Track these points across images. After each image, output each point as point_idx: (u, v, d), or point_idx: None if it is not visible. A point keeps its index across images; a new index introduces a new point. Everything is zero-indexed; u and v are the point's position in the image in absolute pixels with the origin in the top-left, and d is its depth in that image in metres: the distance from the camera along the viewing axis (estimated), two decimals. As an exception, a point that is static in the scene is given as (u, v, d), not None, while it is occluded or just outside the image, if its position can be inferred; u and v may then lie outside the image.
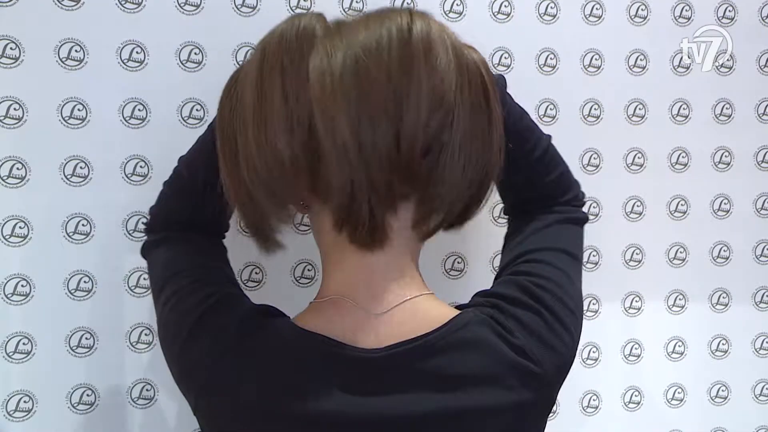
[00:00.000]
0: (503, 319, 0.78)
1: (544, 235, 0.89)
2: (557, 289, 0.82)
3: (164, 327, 0.86)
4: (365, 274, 0.78)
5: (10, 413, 1.07)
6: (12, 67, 1.04)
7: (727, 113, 1.30)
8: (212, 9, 1.10)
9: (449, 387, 0.74)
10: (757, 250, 1.33)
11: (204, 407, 0.79)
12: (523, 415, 0.77)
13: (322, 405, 0.73)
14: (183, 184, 0.95)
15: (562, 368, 0.80)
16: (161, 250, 0.93)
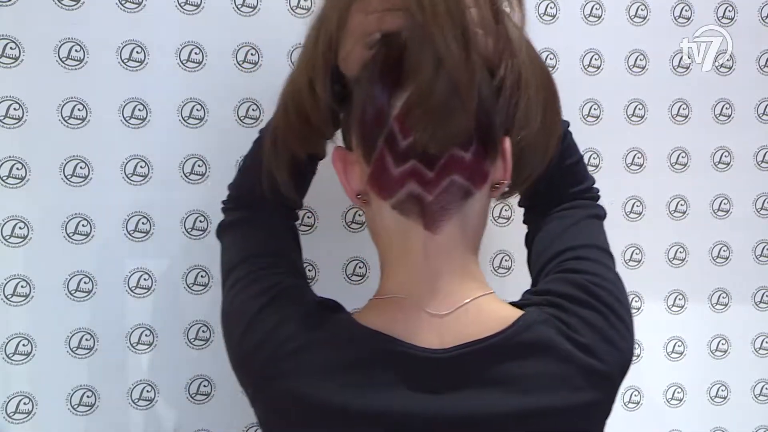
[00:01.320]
0: (566, 318, 0.77)
1: (579, 232, 0.89)
2: (612, 287, 0.82)
3: (226, 312, 0.86)
4: (427, 272, 0.77)
5: (9, 415, 1.07)
6: (12, 67, 1.03)
7: (727, 113, 1.30)
8: (212, 9, 1.10)
9: (516, 388, 0.74)
10: (756, 250, 1.33)
11: (262, 398, 0.79)
12: (590, 415, 0.77)
13: (385, 403, 0.73)
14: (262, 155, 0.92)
15: (625, 366, 0.79)
16: (234, 232, 0.93)
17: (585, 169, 0.96)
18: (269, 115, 1.11)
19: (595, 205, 0.95)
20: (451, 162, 0.74)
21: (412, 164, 0.74)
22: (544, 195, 0.93)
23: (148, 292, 1.11)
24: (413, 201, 0.75)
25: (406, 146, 0.73)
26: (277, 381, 0.76)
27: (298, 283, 0.85)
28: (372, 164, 0.76)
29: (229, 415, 1.14)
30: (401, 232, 0.77)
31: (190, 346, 1.13)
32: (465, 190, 0.76)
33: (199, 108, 1.11)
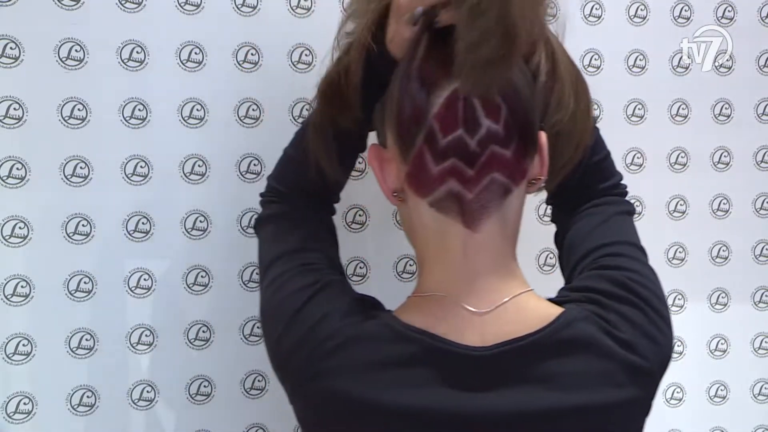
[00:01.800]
0: (605, 314, 0.77)
1: (610, 229, 0.89)
2: (649, 282, 0.82)
3: (265, 310, 0.86)
4: (467, 270, 0.77)
5: (9, 415, 1.06)
6: (12, 67, 1.03)
7: (727, 113, 1.30)
8: (212, 9, 1.10)
9: (558, 385, 0.74)
10: (756, 250, 1.34)
11: (302, 396, 0.79)
12: (632, 412, 0.77)
13: (427, 401, 0.73)
14: (304, 146, 0.92)
15: (665, 361, 0.80)
16: (272, 227, 0.93)
17: (612, 165, 0.96)
18: (269, 115, 1.12)
19: (625, 201, 0.95)
20: (491, 159, 0.73)
21: (452, 162, 0.73)
22: (573, 192, 0.93)
23: (148, 292, 1.11)
24: (452, 199, 0.75)
25: (446, 144, 0.73)
26: (317, 379, 0.76)
27: (338, 279, 0.85)
28: (410, 162, 0.76)
29: (229, 415, 1.14)
30: (439, 230, 0.77)
31: (190, 346, 1.13)
32: (505, 188, 0.76)
33: (199, 108, 1.10)
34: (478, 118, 0.72)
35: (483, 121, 0.72)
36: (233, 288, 1.14)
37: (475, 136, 0.72)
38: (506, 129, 0.73)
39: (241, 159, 1.12)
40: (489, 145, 0.73)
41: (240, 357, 1.14)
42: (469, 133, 0.72)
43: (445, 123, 0.73)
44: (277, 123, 1.13)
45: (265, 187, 0.98)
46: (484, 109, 0.72)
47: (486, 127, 0.73)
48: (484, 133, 0.73)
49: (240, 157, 1.12)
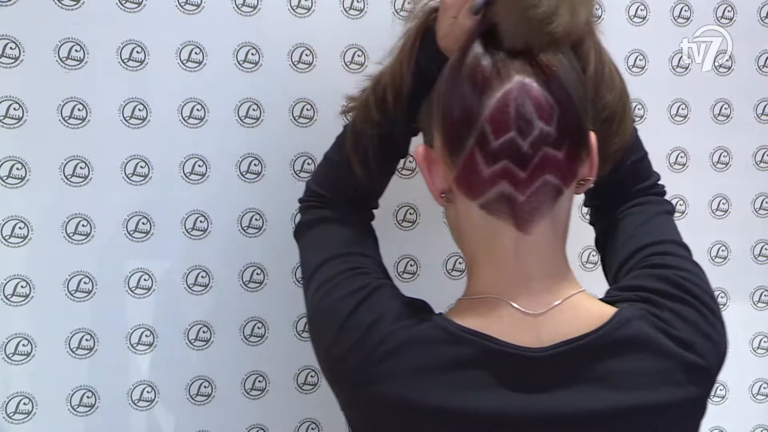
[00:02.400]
0: (659, 313, 0.77)
1: (655, 228, 0.89)
2: (700, 281, 0.82)
3: (314, 316, 0.86)
4: (519, 272, 0.77)
5: (9, 415, 1.06)
6: (12, 67, 1.03)
7: (726, 113, 1.30)
8: (212, 9, 1.10)
9: (616, 385, 0.73)
10: (755, 250, 1.34)
11: (356, 402, 0.78)
12: (690, 411, 0.77)
13: (484, 403, 0.73)
14: (345, 152, 0.93)
15: (721, 360, 0.79)
16: (314, 232, 0.93)
17: (650, 165, 0.97)
18: (269, 115, 1.12)
19: (665, 200, 0.95)
20: (544, 161, 0.73)
21: (504, 164, 0.73)
22: (612, 193, 0.93)
23: (148, 292, 1.11)
24: (504, 201, 0.74)
25: (499, 146, 0.72)
26: (371, 384, 0.75)
27: (387, 283, 0.84)
28: (461, 164, 0.75)
29: (229, 416, 1.14)
30: (490, 232, 0.76)
31: (190, 346, 1.12)
32: (557, 189, 0.75)
33: (199, 108, 1.10)
34: (530, 119, 0.72)
35: (536, 123, 0.72)
36: (233, 288, 1.14)
37: (527, 137, 0.72)
38: (559, 130, 0.73)
39: (241, 159, 1.12)
40: (542, 146, 0.72)
41: (240, 357, 1.14)
42: (521, 134, 0.72)
43: (498, 125, 0.72)
44: (277, 123, 1.13)
45: (304, 191, 0.98)
46: (536, 110, 0.72)
47: (539, 129, 0.72)
48: (537, 134, 0.72)
49: (240, 157, 1.12)
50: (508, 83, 0.72)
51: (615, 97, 0.84)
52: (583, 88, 0.77)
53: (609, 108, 0.84)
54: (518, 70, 0.72)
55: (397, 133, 0.90)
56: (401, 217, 1.19)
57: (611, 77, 0.85)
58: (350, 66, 1.15)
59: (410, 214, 1.19)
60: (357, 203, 0.95)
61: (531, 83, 0.72)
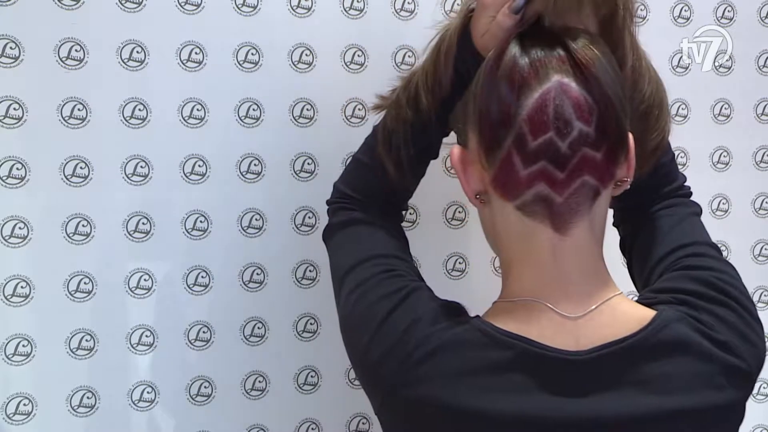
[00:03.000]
0: (699, 315, 0.76)
1: (686, 230, 0.89)
2: (736, 282, 0.82)
3: (348, 318, 0.85)
4: (557, 274, 0.76)
5: (9, 416, 1.06)
6: (12, 67, 1.03)
7: (726, 113, 1.30)
8: (212, 9, 1.10)
9: (657, 389, 0.73)
10: (755, 250, 1.34)
11: (392, 406, 0.77)
12: (730, 414, 0.76)
13: (523, 406, 0.72)
14: (375, 153, 0.93)
15: (761, 362, 0.79)
16: (345, 233, 0.92)
17: (677, 167, 0.96)
18: (270, 115, 1.12)
19: (693, 202, 0.95)
20: (583, 162, 0.72)
21: (541, 165, 0.72)
22: (641, 195, 0.92)
23: (149, 292, 1.10)
24: (541, 203, 0.73)
25: (537, 147, 0.71)
26: (409, 387, 0.75)
27: (422, 285, 0.84)
28: (497, 165, 0.74)
29: (229, 416, 1.14)
30: (527, 234, 0.76)
31: (190, 347, 1.12)
32: (595, 191, 0.74)
33: (199, 108, 1.10)
34: (569, 120, 0.71)
35: (575, 124, 0.71)
36: (233, 288, 1.14)
37: (566, 138, 0.71)
38: (598, 131, 0.72)
39: (242, 159, 1.12)
40: (581, 147, 0.71)
41: (240, 357, 1.14)
42: (560, 135, 0.71)
43: (536, 125, 0.71)
44: (277, 123, 1.13)
45: (332, 193, 0.98)
46: (575, 110, 0.71)
47: (578, 129, 0.71)
48: (576, 135, 0.71)
49: (240, 157, 1.12)
50: (547, 83, 0.71)
51: (652, 89, 0.85)
52: (621, 87, 0.75)
53: (647, 101, 0.84)
54: (556, 69, 0.72)
55: (431, 133, 0.90)
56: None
57: (648, 71, 0.85)
58: (350, 66, 1.15)
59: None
60: (387, 205, 0.95)
61: (569, 83, 0.71)
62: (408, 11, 1.16)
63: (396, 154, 0.90)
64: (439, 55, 0.87)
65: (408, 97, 0.89)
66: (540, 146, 0.71)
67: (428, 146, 0.93)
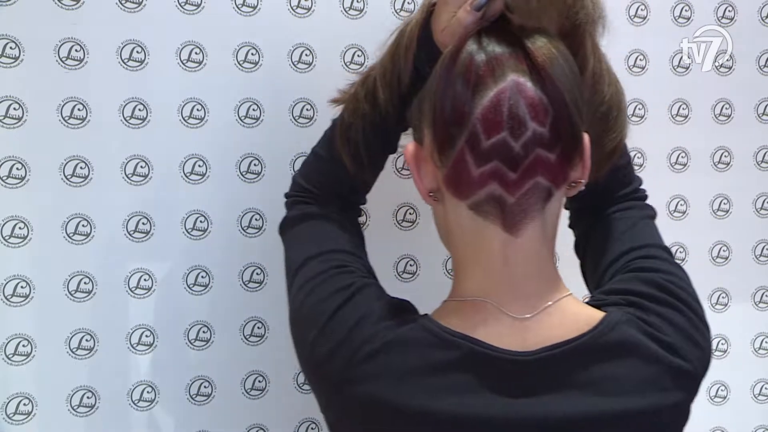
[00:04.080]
0: (647, 317, 0.76)
1: (639, 233, 0.89)
2: (686, 285, 0.81)
3: (296, 314, 0.84)
4: (507, 275, 0.75)
5: (9, 416, 1.06)
6: (12, 67, 1.03)
7: (727, 113, 1.30)
8: (212, 9, 1.10)
9: (605, 390, 0.73)
10: (756, 250, 1.34)
11: (337, 403, 0.77)
12: (676, 416, 0.76)
13: (468, 407, 0.72)
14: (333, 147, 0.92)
15: (707, 365, 0.79)
16: (300, 228, 0.91)
17: (633, 170, 0.96)
18: (269, 115, 1.12)
19: (648, 205, 0.95)
20: (536, 163, 0.71)
21: (494, 165, 0.71)
22: (596, 197, 0.92)
23: (149, 292, 1.11)
24: (493, 203, 0.73)
25: (490, 146, 0.70)
26: (354, 385, 0.74)
27: (373, 282, 0.83)
28: (450, 163, 0.73)
29: (229, 416, 1.14)
30: (478, 234, 0.75)
31: (190, 346, 1.12)
32: (547, 192, 0.73)
33: (199, 108, 1.10)
34: (524, 120, 0.70)
35: (529, 124, 0.70)
36: (233, 288, 1.14)
37: (520, 139, 0.70)
38: (552, 132, 0.71)
39: (241, 159, 1.12)
40: (534, 148, 0.70)
41: (240, 357, 1.14)
42: (513, 135, 0.70)
43: (489, 124, 0.70)
44: (277, 123, 1.13)
45: (290, 186, 0.97)
46: (530, 111, 0.70)
47: (532, 130, 0.70)
48: (530, 135, 0.70)
49: (240, 157, 1.12)
50: (502, 82, 0.70)
51: (612, 91, 0.84)
52: (578, 88, 0.75)
53: (606, 103, 0.83)
54: (513, 68, 0.71)
55: (388, 128, 0.89)
56: (401, 217, 1.19)
57: (608, 73, 0.84)
58: (350, 66, 1.15)
59: (410, 214, 1.19)
60: (344, 200, 0.94)
61: (525, 82, 0.70)
62: (408, 11, 1.16)
63: (353, 148, 0.89)
64: (398, 50, 0.85)
65: (366, 91, 0.88)
66: (493, 146, 0.70)
67: (386, 141, 0.91)
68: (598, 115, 0.83)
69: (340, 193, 0.93)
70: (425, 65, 0.81)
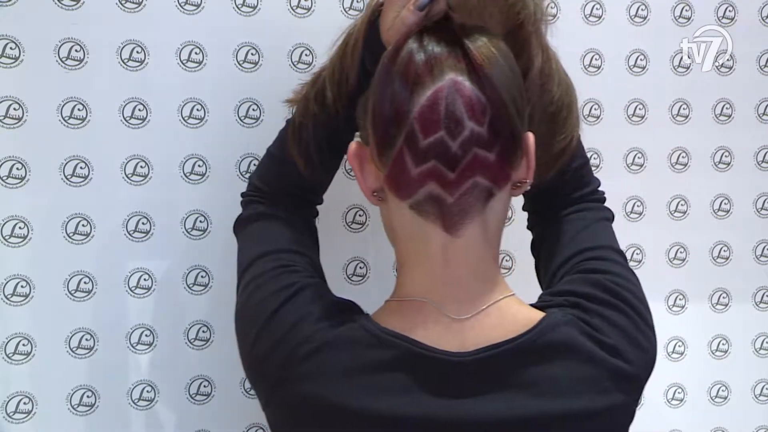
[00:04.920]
0: (589, 319, 0.76)
1: (592, 235, 0.88)
2: (633, 287, 0.81)
3: (241, 311, 0.85)
4: (447, 275, 0.75)
5: (9, 415, 1.07)
6: (12, 67, 1.03)
7: (727, 113, 1.30)
8: (212, 9, 1.10)
9: (541, 391, 0.72)
10: (757, 250, 1.33)
11: (276, 401, 0.77)
12: (616, 418, 0.76)
13: (405, 407, 0.72)
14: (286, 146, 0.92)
15: (650, 367, 0.79)
16: (252, 228, 0.92)
17: (591, 171, 0.95)
18: (269, 115, 1.12)
19: (604, 207, 0.94)
20: (474, 162, 0.71)
21: (432, 164, 0.71)
22: (552, 198, 0.92)
23: (148, 292, 1.11)
24: (432, 203, 0.72)
25: (427, 145, 0.70)
26: (293, 383, 0.74)
27: (316, 282, 0.83)
28: (390, 163, 0.73)
29: (229, 415, 1.14)
30: (419, 234, 0.75)
31: (190, 346, 1.13)
32: (488, 192, 0.73)
33: (199, 108, 1.10)
34: (461, 119, 0.69)
35: (466, 123, 0.70)
36: (233, 288, 1.12)
37: (457, 138, 0.70)
38: (490, 131, 0.70)
39: (241, 159, 1.12)
40: (472, 147, 0.70)
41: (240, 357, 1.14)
42: (450, 135, 0.70)
43: (427, 124, 0.70)
44: (277, 123, 1.11)
45: (247, 186, 0.97)
46: (467, 110, 0.70)
47: (469, 129, 0.70)
48: (468, 135, 0.70)
49: (240, 157, 1.12)
50: (440, 81, 0.70)
51: (561, 90, 0.84)
52: (519, 89, 0.74)
53: (555, 103, 0.83)
54: (451, 67, 0.70)
55: (338, 129, 0.89)
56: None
57: (558, 72, 0.84)
58: (350, 66, 1.15)
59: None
60: (298, 199, 0.94)
61: (463, 81, 0.70)
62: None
63: (305, 148, 0.89)
64: (346, 49, 0.85)
65: (316, 91, 0.88)
66: (431, 145, 0.70)
67: (337, 141, 0.90)
68: (547, 115, 0.83)
69: (292, 192, 0.93)
70: (373, 65, 0.79)
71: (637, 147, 1.26)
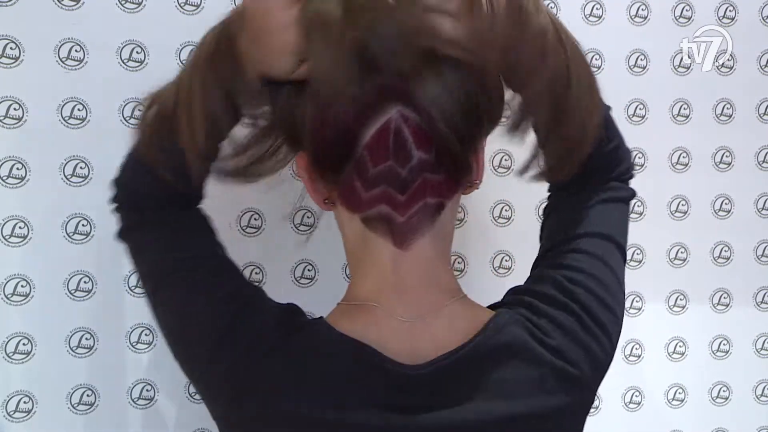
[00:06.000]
0: (536, 320, 0.76)
1: (584, 218, 0.84)
2: (592, 283, 0.79)
3: (178, 332, 0.81)
4: (396, 282, 0.76)
5: (9, 414, 1.07)
6: (12, 67, 1.04)
7: (728, 113, 1.30)
8: (212, 9, 1.10)
9: (492, 395, 0.72)
10: (758, 251, 1.33)
11: (237, 415, 0.75)
12: (563, 419, 0.76)
13: (363, 417, 0.71)
14: None
15: (599, 368, 0.78)
16: (148, 236, 0.83)
17: (625, 149, 0.90)
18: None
19: (622, 186, 0.89)
20: (424, 185, 0.72)
21: (382, 189, 0.72)
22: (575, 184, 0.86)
23: (148, 291, 1.11)
24: (383, 220, 0.74)
25: (377, 173, 0.71)
26: (253, 397, 0.73)
27: (254, 287, 0.81)
28: (340, 185, 0.74)
29: (228, 414, 1.14)
30: (369, 244, 0.76)
31: (189, 345, 1.13)
32: (437, 207, 0.74)
33: (199, 108, 1.10)
34: (409, 149, 0.70)
35: (414, 153, 0.71)
36: (233, 287, 1.14)
37: (406, 165, 0.71)
38: (438, 156, 0.71)
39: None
40: (421, 173, 0.71)
41: (239, 356, 1.14)
42: (399, 163, 0.71)
43: (376, 154, 0.71)
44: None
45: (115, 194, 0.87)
46: (414, 140, 0.70)
47: (417, 158, 0.71)
48: (416, 162, 0.71)
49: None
50: (388, 113, 0.69)
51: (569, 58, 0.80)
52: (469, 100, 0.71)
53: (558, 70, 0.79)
54: (398, 97, 0.69)
55: None
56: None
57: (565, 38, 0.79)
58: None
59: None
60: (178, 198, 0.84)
61: (409, 113, 0.69)
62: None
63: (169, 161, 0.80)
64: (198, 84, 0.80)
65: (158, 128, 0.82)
66: (380, 172, 0.71)
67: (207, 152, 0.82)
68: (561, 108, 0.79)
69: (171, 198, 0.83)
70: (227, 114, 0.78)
71: (638, 147, 1.26)
